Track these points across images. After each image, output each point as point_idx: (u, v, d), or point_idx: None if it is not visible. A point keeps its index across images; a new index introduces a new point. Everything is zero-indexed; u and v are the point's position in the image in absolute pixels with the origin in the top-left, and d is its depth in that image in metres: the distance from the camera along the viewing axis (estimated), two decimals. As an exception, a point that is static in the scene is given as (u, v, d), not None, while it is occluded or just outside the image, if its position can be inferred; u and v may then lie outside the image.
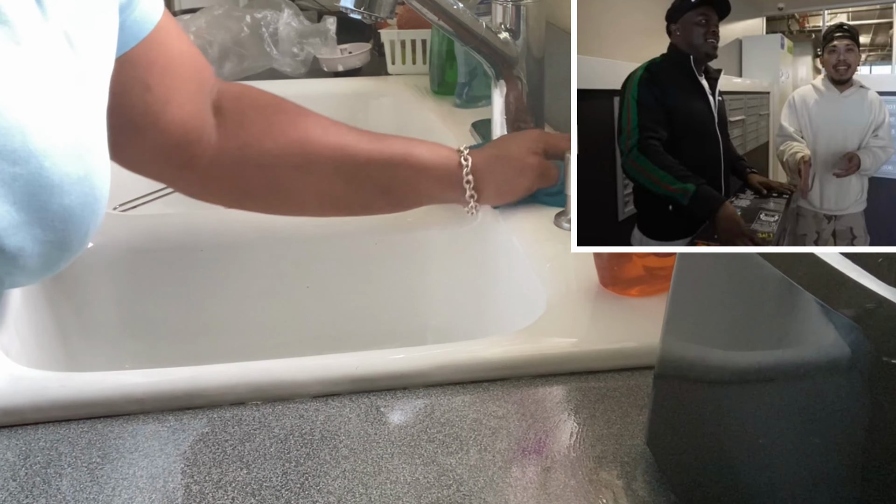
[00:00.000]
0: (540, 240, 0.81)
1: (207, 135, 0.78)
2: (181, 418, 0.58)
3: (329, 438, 0.56)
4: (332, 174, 0.81)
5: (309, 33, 1.44)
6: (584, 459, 0.54)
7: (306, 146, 0.80)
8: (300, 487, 0.52)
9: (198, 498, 0.51)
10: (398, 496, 0.51)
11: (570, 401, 0.61)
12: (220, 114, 0.79)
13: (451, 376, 0.62)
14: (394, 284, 0.95)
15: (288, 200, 0.83)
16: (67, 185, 0.53)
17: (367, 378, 0.61)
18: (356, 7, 0.87)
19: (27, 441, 0.56)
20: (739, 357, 0.45)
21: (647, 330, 0.62)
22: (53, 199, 0.52)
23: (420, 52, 1.40)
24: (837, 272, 0.37)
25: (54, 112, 0.53)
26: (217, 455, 0.55)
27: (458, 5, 0.89)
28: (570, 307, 0.69)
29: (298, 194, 0.82)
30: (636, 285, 0.70)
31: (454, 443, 0.56)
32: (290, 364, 0.62)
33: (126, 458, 0.55)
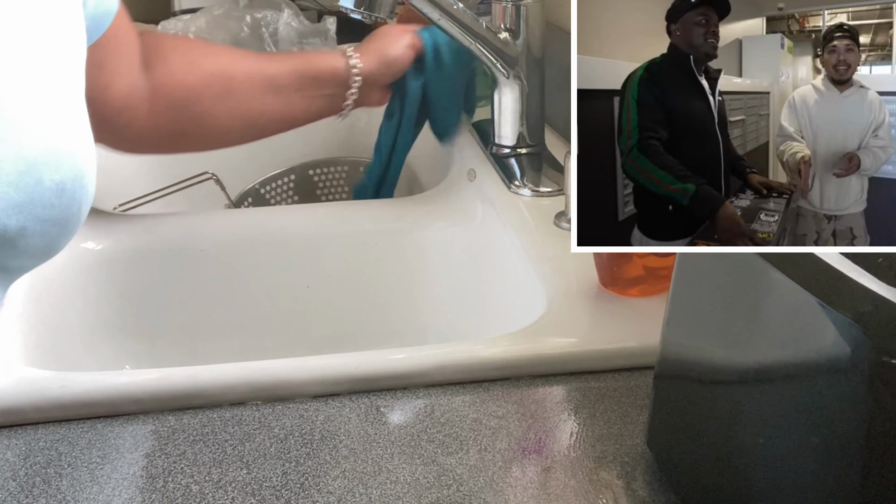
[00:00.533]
0: (540, 240, 0.81)
1: (141, 91, 0.83)
2: (181, 418, 0.58)
3: (329, 438, 0.56)
4: (250, 93, 0.89)
5: (309, 33, 1.43)
6: (584, 459, 0.54)
7: (224, 73, 0.88)
8: (300, 487, 0.52)
9: (198, 498, 0.51)
10: (398, 496, 0.51)
11: (570, 401, 0.61)
12: (147, 65, 0.84)
13: (451, 376, 0.62)
14: (394, 284, 0.95)
15: (215, 130, 0.90)
16: (53, 162, 0.54)
17: (367, 378, 0.61)
18: (356, 7, 0.87)
19: (27, 441, 0.56)
20: (739, 357, 0.45)
21: (647, 330, 0.62)
22: (44, 175, 0.53)
23: (420, 52, 1.40)
24: (837, 272, 0.37)
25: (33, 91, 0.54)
26: (217, 455, 0.55)
27: (458, 5, 0.89)
28: (570, 307, 0.69)
29: (224, 121, 0.89)
30: (636, 285, 0.70)
31: (454, 443, 0.56)
32: (290, 364, 0.62)
33: (126, 458, 0.55)
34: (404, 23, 1.40)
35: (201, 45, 0.92)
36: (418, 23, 1.03)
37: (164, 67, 0.85)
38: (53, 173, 0.54)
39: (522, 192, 0.91)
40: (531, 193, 0.91)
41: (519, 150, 0.97)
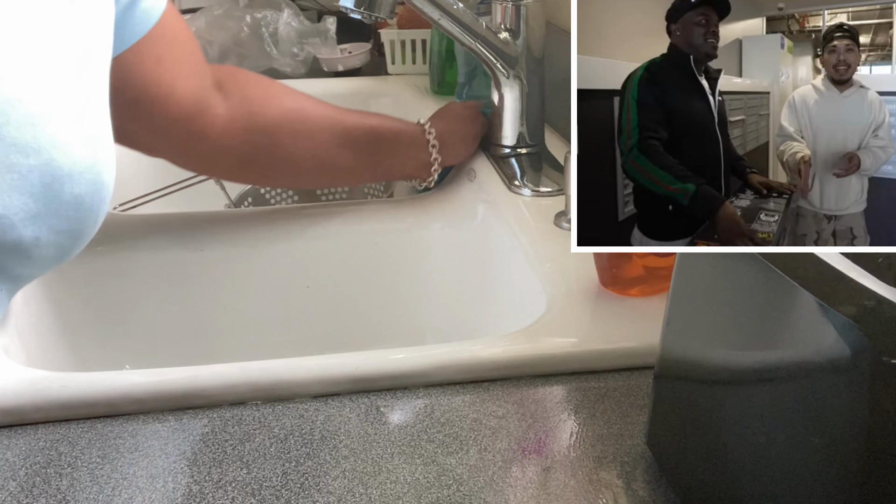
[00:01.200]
0: (540, 240, 0.81)
1: (214, 106, 0.81)
2: (181, 418, 0.58)
3: (329, 438, 0.56)
4: (327, 138, 0.87)
5: (309, 33, 1.44)
6: (584, 459, 0.54)
7: (303, 113, 0.87)
8: (300, 487, 0.52)
9: (198, 498, 0.51)
10: (398, 496, 0.51)
11: (570, 401, 0.61)
12: (223, 88, 0.83)
13: (451, 376, 0.62)
14: (394, 284, 0.95)
15: (287, 166, 0.88)
16: (77, 175, 0.54)
17: (367, 378, 0.61)
18: (356, 7, 0.87)
19: (27, 441, 0.56)
20: (739, 357, 0.45)
21: (647, 330, 0.62)
22: (65, 188, 0.53)
23: (420, 52, 1.40)
24: (837, 272, 0.37)
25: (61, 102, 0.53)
26: (217, 455, 0.55)
27: (458, 5, 0.89)
28: (570, 307, 0.69)
29: (298, 159, 0.87)
30: (636, 285, 0.70)
31: (454, 443, 0.56)
32: (290, 364, 0.62)
33: (126, 458, 0.55)
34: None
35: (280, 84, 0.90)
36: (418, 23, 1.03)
37: (242, 93, 0.84)
38: (74, 186, 0.54)
39: (522, 192, 0.91)
40: (531, 193, 0.91)
41: (519, 150, 0.97)
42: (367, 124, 0.90)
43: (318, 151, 0.87)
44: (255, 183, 0.94)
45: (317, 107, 0.89)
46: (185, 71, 0.78)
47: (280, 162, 0.87)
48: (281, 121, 0.85)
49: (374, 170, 0.93)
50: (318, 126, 0.87)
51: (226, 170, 0.89)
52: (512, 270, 0.83)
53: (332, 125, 0.88)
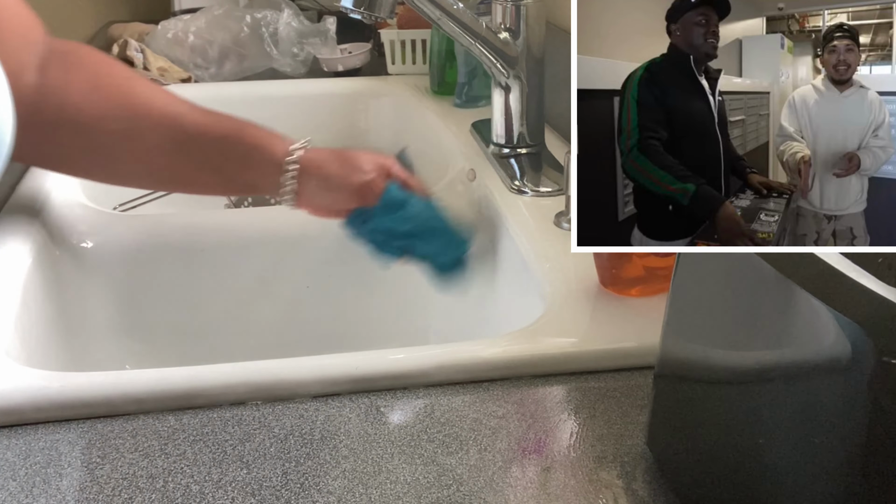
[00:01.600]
0: (540, 240, 0.81)
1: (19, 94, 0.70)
2: (181, 418, 0.58)
3: (329, 438, 0.56)
4: (158, 143, 0.78)
5: (309, 33, 1.44)
6: (584, 459, 0.54)
7: (131, 110, 0.77)
8: (300, 487, 0.52)
9: (198, 498, 0.51)
10: (398, 496, 0.51)
11: (570, 401, 0.61)
12: (45, 73, 0.76)
13: (451, 376, 0.62)
14: (394, 284, 0.95)
15: (110, 167, 0.81)
16: None
17: (367, 378, 0.61)
18: (356, 7, 0.87)
19: (27, 441, 0.56)
20: (739, 357, 0.45)
21: (647, 330, 0.62)
22: None
23: (420, 52, 1.40)
24: (837, 272, 0.37)
25: None
26: (217, 455, 0.55)
27: (458, 5, 0.89)
28: (570, 307, 0.69)
29: (122, 162, 0.80)
30: (636, 285, 0.70)
31: (454, 443, 0.56)
32: (290, 364, 0.62)
33: (126, 458, 0.55)
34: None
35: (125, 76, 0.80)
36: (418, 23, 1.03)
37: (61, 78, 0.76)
38: None
39: (522, 192, 0.91)
40: (531, 193, 0.91)
41: (519, 150, 0.97)
42: (216, 130, 0.79)
43: (147, 157, 0.79)
44: (81, 177, 0.85)
45: (153, 101, 0.78)
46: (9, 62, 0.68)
47: (99, 162, 0.80)
48: (99, 116, 0.76)
49: (227, 186, 0.84)
50: (148, 127, 0.78)
51: (38, 161, 0.82)
52: (512, 270, 0.83)
53: (167, 126, 0.78)
